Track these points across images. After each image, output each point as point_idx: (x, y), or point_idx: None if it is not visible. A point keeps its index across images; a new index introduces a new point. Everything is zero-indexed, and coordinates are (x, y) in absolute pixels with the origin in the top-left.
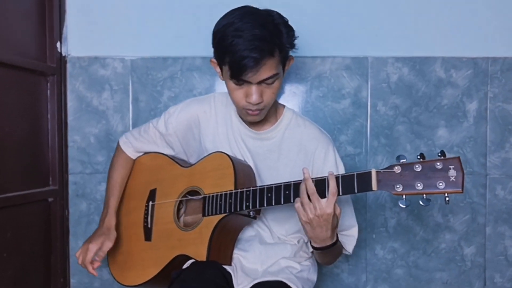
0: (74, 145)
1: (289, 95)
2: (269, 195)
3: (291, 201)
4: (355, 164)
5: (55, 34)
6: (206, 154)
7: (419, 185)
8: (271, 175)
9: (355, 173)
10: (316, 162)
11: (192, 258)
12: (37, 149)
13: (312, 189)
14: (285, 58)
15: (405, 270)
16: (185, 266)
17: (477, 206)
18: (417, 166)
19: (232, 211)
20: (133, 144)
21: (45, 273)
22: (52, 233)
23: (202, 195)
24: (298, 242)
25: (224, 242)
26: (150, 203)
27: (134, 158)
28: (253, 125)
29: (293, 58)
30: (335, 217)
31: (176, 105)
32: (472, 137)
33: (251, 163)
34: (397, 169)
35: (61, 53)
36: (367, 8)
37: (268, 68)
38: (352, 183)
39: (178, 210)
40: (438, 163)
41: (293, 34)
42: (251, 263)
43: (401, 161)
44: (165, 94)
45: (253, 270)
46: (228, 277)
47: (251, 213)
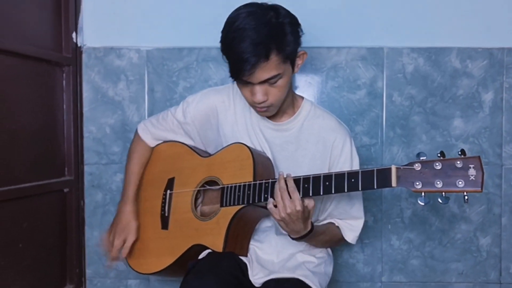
0: (90, 136)
1: (305, 85)
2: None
3: (310, 194)
4: (371, 155)
5: (71, 25)
6: (225, 145)
7: (438, 183)
8: (288, 166)
9: (375, 169)
10: (334, 153)
11: (208, 248)
12: (52, 139)
13: (283, 188)
14: (290, 57)
15: (420, 260)
16: (201, 256)
17: (492, 196)
18: (437, 164)
19: (250, 202)
20: (151, 131)
21: (61, 263)
22: (68, 224)
23: (221, 186)
24: None
25: (241, 233)
26: (168, 191)
27: (153, 146)
28: (271, 116)
29: (305, 53)
30: (306, 209)
31: (195, 94)
32: (488, 127)
33: (268, 153)
34: (417, 166)
35: (76, 43)
36: None
37: (266, 70)
38: (372, 179)
39: (196, 199)
40: (458, 162)
41: (299, 32)
42: (266, 254)
43: (421, 158)
44: (180, 84)
45: (269, 261)
46: (244, 268)
47: None
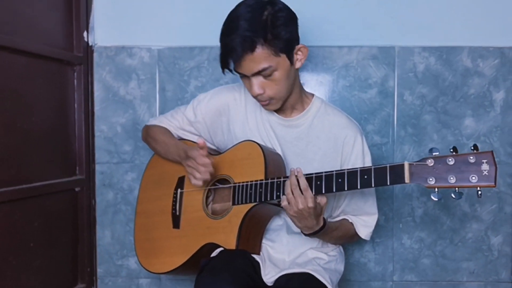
0: (101, 135)
1: (316, 84)
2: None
3: (322, 191)
4: (382, 154)
5: (82, 24)
6: (236, 142)
7: (451, 178)
8: (299, 162)
9: (388, 165)
10: (345, 150)
11: (220, 247)
12: (64, 138)
13: (294, 184)
14: (283, 50)
15: (432, 259)
16: (213, 255)
17: (504, 195)
18: (450, 159)
19: (263, 200)
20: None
21: (72, 262)
22: (79, 223)
23: (232, 184)
24: None
25: (253, 231)
26: (179, 190)
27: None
28: (281, 112)
29: (304, 47)
30: (318, 206)
31: (206, 92)
32: (499, 126)
33: (279, 150)
34: (430, 162)
35: (88, 42)
36: None
37: (254, 62)
38: (384, 176)
39: (207, 198)
40: (471, 157)
41: (292, 26)
42: (278, 253)
43: (433, 154)
44: (191, 83)
45: (281, 260)
46: (256, 266)
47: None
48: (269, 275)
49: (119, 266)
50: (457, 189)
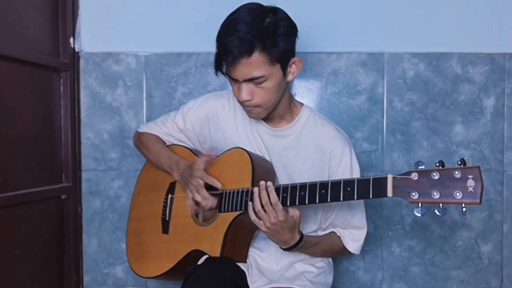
0: (87, 142)
1: (304, 91)
2: (284, 195)
3: (306, 203)
4: (371, 161)
5: (68, 30)
6: (225, 150)
7: (435, 193)
8: (286, 172)
9: (371, 178)
10: (332, 163)
11: (206, 254)
12: (49, 146)
13: (265, 199)
14: (279, 60)
15: (421, 268)
16: (199, 262)
17: (494, 203)
18: (434, 174)
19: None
20: (153, 132)
21: (58, 271)
22: (65, 231)
23: (219, 191)
24: None
25: (240, 239)
26: (169, 195)
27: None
28: (270, 121)
29: (300, 61)
30: (291, 219)
31: (195, 99)
32: (489, 133)
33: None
34: (414, 175)
35: (74, 48)
36: (383, 3)
37: (249, 67)
38: (367, 188)
39: (196, 204)
40: (457, 172)
41: (291, 38)
42: (266, 262)
43: (419, 167)
44: (179, 90)
45: (268, 269)
46: (243, 274)
47: None
48: (256, 284)
49: (105, 275)
50: (441, 205)
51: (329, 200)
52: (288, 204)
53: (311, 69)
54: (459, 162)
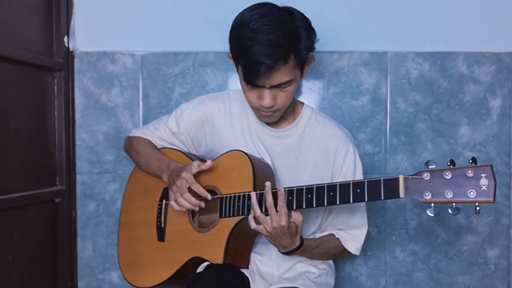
0: (82, 144)
1: (306, 91)
2: (290, 198)
3: (313, 206)
4: (374, 164)
5: (62, 28)
6: (223, 152)
7: (449, 193)
8: (289, 174)
9: (382, 178)
10: (336, 161)
11: (207, 261)
12: (43, 147)
13: (270, 202)
14: (302, 62)
15: (426, 273)
16: (199, 269)
17: (501, 207)
18: (447, 173)
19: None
20: (145, 137)
21: (52, 276)
22: (59, 235)
23: (219, 196)
24: None
25: (242, 245)
26: (164, 201)
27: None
28: (271, 123)
29: (314, 59)
30: (293, 225)
31: (189, 101)
32: (496, 135)
33: (268, 162)
34: (426, 175)
35: (68, 47)
36: (386, 1)
37: (281, 74)
38: (378, 190)
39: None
40: (469, 171)
41: (314, 37)
42: (267, 266)
43: (430, 167)
44: (176, 90)
45: (269, 274)
46: (246, 281)
47: None
48: None
49: (101, 280)
50: (454, 204)
51: (338, 203)
52: (294, 208)
53: (312, 69)
54: (470, 161)
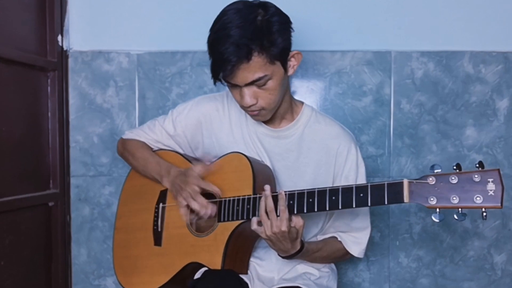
0: (76, 146)
1: (307, 92)
2: (291, 202)
3: (315, 210)
4: (378, 166)
5: (56, 27)
6: (222, 155)
7: (454, 198)
8: (289, 175)
9: (386, 182)
10: (338, 161)
11: (205, 266)
12: (36, 150)
13: (270, 207)
14: (279, 57)
15: (431, 279)
16: (197, 275)
17: (508, 211)
18: (453, 177)
19: (250, 217)
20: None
21: (46, 282)
22: (53, 240)
23: (218, 199)
24: None
25: (241, 250)
26: (161, 205)
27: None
28: (270, 122)
29: (299, 53)
30: (294, 229)
31: (185, 102)
32: (503, 137)
33: (268, 163)
34: (431, 180)
35: (62, 47)
36: None
37: (249, 71)
38: (382, 194)
39: (191, 213)
40: (476, 175)
41: (287, 31)
42: (267, 271)
43: (435, 171)
44: (173, 91)
45: (270, 279)
46: (245, 287)
47: None
48: None
49: (95, 286)
50: (460, 210)
51: (340, 207)
52: (295, 212)
53: (314, 69)
54: (477, 165)
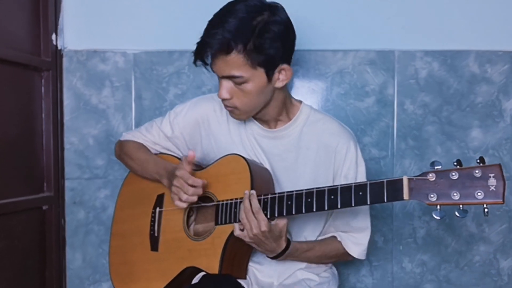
0: (71, 148)
1: (308, 92)
2: (289, 203)
3: (313, 210)
4: (380, 169)
5: (50, 25)
6: (219, 157)
7: (455, 194)
8: (289, 176)
9: (385, 180)
10: (337, 159)
11: (202, 271)
12: (30, 152)
13: (247, 208)
14: (262, 64)
15: (435, 285)
16: (195, 280)
17: None
18: (453, 173)
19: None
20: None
21: (40, 287)
22: (47, 244)
23: (215, 202)
24: None
25: (239, 254)
26: (158, 209)
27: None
28: (265, 123)
29: (289, 69)
30: (276, 228)
31: (183, 103)
32: (509, 138)
33: (266, 165)
34: (431, 176)
35: (56, 46)
36: None
37: (226, 65)
38: (381, 191)
39: (188, 217)
40: (477, 171)
41: (282, 44)
42: (266, 276)
43: (435, 167)
44: (171, 91)
45: (269, 284)
46: None
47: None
48: None
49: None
50: (461, 206)
51: (339, 206)
52: (293, 213)
53: (315, 69)
54: (478, 161)
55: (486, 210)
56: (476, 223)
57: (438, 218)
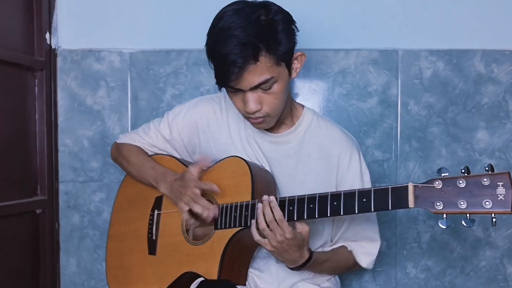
0: (65, 150)
1: (309, 92)
2: (290, 208)
3: (315, 216)
4: (384, 171)
5: (44, 24)
6: (219, 159)
7: (462, 203)
8: (288, 183)
9: (390, 187)
10: (340, 168)
11: (201, 276)
12: (23, 154)
13: (270, 216)
14: (284, 58)
15: None
16: (193, 286)
17: None
18: (460, 181)
19: (248, 225)
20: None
21: None
22: (41, 249)
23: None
24: None
25: (239, 259)
26: (156, 212)
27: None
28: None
29: (303, 54)
30: (299, 235)
31: (182, 104)
32: None
33: (267, 168)
34: (437, 184)
35: (50, 45)
36: None
37: (256, 73)
38: (385, 199)
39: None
40: (485, 179)
41: (291, 31)
42: (266, 283)
43: (442, 174)
44: (168, 91)
45: None
46: None
47: None
48: None
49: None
50: (468, 215)
51: (342, 213)
52: (295, 219)
53: (316, 68)
54: (486, 168)
55: (494, 219)
56: (482, 227)
57: (444, 227)
